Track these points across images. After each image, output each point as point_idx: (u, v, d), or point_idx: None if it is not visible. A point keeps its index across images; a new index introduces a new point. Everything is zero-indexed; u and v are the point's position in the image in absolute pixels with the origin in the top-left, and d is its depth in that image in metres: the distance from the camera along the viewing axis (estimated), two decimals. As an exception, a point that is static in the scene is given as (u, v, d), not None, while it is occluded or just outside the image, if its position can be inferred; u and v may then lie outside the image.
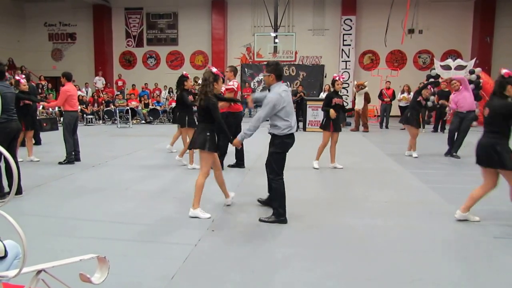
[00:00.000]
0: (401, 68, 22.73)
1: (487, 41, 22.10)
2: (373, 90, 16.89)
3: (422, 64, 23.51)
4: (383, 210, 5.52)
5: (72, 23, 25.58)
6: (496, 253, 4.08)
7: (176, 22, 25.01)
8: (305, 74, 21.71)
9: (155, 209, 5.46)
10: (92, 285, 1.87)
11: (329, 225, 4.89)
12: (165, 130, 15.32)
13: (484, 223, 4.95)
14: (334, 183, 7.16)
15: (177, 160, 8.57)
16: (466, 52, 22.55)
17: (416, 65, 23.64)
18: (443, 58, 21.26)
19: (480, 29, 22.17)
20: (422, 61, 23.58)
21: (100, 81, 22.42)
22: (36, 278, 1.73)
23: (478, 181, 5.05)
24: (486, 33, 22.07)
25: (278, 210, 4.96)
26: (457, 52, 22.78)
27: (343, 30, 23.14)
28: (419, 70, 23.14)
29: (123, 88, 22.73)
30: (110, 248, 4.09)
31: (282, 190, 4.98)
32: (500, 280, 3.50)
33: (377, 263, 3.80)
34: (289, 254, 3.99)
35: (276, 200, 5.01)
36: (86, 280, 1.84)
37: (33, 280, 1.72)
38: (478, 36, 22.21)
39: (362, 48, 23.86)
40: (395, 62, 23.63)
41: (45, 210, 5.41)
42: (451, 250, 4.21)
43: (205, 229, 4.64)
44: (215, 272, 3.61)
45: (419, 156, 9.50)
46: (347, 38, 23.18)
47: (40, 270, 1.73)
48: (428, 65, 22.53)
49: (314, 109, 15.32)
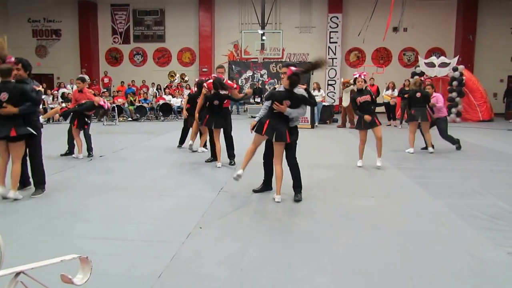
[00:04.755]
0: (386, 65, 22.92)
1: (470, 39, 22.43)
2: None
3: (407, 62, 23.71)
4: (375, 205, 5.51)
5: (57, 19, 25.17)
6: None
7: (163, 19, 24.82)
8: (292, 71, 21.73)
9: (141, 207, 5.36)
10: (74, 286, 1.79)
11: (319, 221, 4.85)
12: (152, 128, 15.22)
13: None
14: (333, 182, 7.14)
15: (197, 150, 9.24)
16: (450, 50, 22.78)
17: (401, 62, 23.84)
18: (427, 56, 21.44)
19: (463, 28, 22.50)
20: (407, 59, 23.77)
21: None
22: (14, 281, 1.64)
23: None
24: (469, 31, 22.42)
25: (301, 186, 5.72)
26: (441, 50, 23.02)
27: (330, 28, 23.24)
28: (404, 67, 23.34)
29: (109, 85, 22.47)
30: (94, 247, 3.98)
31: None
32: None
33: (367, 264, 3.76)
34: (278, 251, 3.93)
35: (299, 180, 5.70)
36: (67, 281, 1.76)
37: (11, 282, 1.63)
38: (461, 34, 22.55)
39: (348, 45, 23.99)
40: (380, 59, 23.80)
41: (28, 208, 5.29)
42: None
43: (193, 226, 4.56)
44: (203, 269, 3.53)
45: (401, 152, 9.54)
46: (334, 36, 23.29)
47: (18, 272, 1.65)
48: (413, 63, 22.74)
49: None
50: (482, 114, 18.18)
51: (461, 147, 10.02)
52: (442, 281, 3.36)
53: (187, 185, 6.62)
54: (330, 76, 23.50)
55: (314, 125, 15.48)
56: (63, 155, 8.94)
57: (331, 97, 22.89)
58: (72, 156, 8.83)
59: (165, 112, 18.76)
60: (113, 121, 17.25)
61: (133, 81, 21.87)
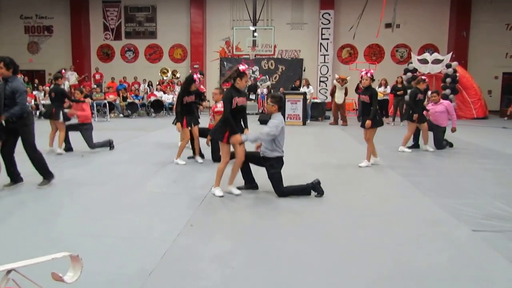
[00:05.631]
0: (379, 62, 22.94)
1: (464, 36, 22.51)
2: (353, 84, 16.93)
3: (399, 58, 23.80)
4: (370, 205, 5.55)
5: (49, 15, 25.09)
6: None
7: (154, 15, 24.79)
8: (284, 67, 21.75)
9: (131, 204, 5.38)
10: (65, 284, 1.81)
11: (310, 219, 4.88)
12: (143, 124, 15.19)
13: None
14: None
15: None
16: (443, 46, 22.89)
17: (393, 59, 23.92)
18: (420, 52, 21.42)
19: (456, 24, 22.59)
20: (399, 55, 23.86)
21: (73, 76, 21.36)
22: (6, 278, 1.67)
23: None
24: (462, 27, 22.50)
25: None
26: (434, 46, 23.12)
27: (322, 24, 23.31)
28: (397, 64, 23.41)
29: (101, 81, 22.37)
30: (83, 244, 3.99)
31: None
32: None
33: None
34: (269, 249, 3.96)
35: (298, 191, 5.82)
36: (58, 279, 1.78)
37: (2, 280, 1.66)
38: (455, 31, 22.63)
39: (340, 42, 24.03)
40: (373, 56, 23.85)
41: (15, 204, 5.29)
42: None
43: (184, 224, 4.59)
44: (193, 268, 3.56)
45: (394, 150, 9.58)
46: (326, 32, 23.36)
47: (10, 270, 1.67)
48: (406, 59, 22.82)
49: (293, 103, 15.30)
50: (476, 112, 18.16)
51: (453, 144, 10.06)
52: (436, 282, 3.37)
53: (178, 182, 6.64)
54: (322, 73, 23.56)
55: (305, 121, 15.51)
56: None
57: (323, 93, 22.94)
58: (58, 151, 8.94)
59: (156, 109, 18.76)
60: (104, 117, 17.22)
61: (124, 77, 21.73)
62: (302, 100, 15.37)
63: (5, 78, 5.84)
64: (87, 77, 22.81)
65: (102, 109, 17.57)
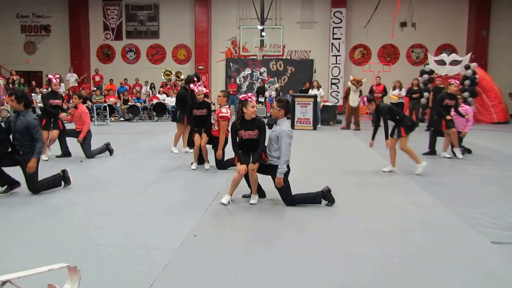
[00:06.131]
0: (393, 63, 22.86)
1: (483, 35, 22.26)
2: (365, 86, 16.88)
3: (415, 59, 23.67)
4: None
5: (46, 14, 25.18)
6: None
7: (157, 14, 24.85)
8: (293, 69, 21.79)
9: (132, 212, 5.40)
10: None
11: (319, 230, 4.87)
12: (145, 128, 15.23)
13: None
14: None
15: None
16: (461, 46, 22.74)
17: (409, 59, 23.80)
18: (437, 53, 21.35)
19: (475, 22, 22.35)
20: (415, 56, 23.74)
21: (73, 78, 21.62)
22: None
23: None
24: (481, 26, 22.25)
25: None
26: (452, 47, 22.94)
27: (333, 23, 23.23)
28: (412, 65, 23.30)
29: (101, 83, 22.43)
30: (82, 253, 4.00)
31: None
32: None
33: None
34: (275, 260, 3.96)
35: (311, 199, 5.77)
36: (55, 291, 1.80)
37: (-3, 291, 1.68)
38: (474, 30, 22.38)
39: (353, 42, 23.96)
40: (387, 56, 23.75)
41: (11, 210, 5.33)
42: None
43: (187, 233, 4.60)
44: (197, 279, 3.56)
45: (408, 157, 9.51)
46: (337, 32, 23.26)
47: (5, 281, 1.69)
48: (422, 60, 22.64)
49: (303, 106, 15.27)
50: (496, 116, 18.04)
51: (471, 150, 9.99)
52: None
53: (181, 189, 6.66)
54: (333, 75, 23.44)
55: (316, 126, 15.47)
56: (58, 156, 9.26)
57: (335, 96, 22.85)
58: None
59: (158, 112, 18.79)
60: (104, 121, 17.28)
61: (125, 79, 21.82)
62: (312, 103, 15.30)
63: (17, 111, 6.11)
64: (86, 78, 22.88)
65: (102, 112, 17.64)
